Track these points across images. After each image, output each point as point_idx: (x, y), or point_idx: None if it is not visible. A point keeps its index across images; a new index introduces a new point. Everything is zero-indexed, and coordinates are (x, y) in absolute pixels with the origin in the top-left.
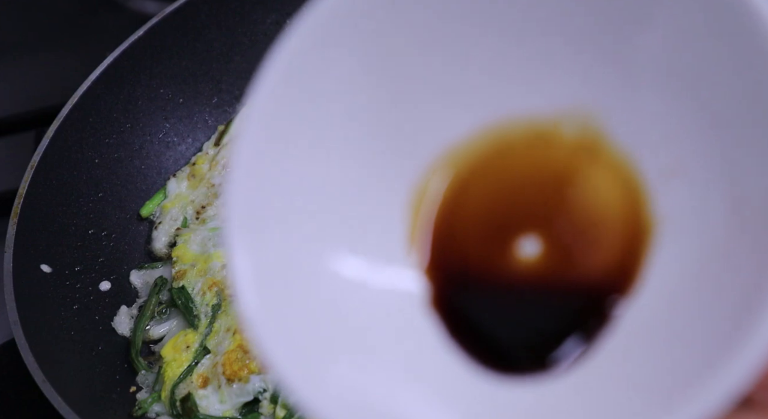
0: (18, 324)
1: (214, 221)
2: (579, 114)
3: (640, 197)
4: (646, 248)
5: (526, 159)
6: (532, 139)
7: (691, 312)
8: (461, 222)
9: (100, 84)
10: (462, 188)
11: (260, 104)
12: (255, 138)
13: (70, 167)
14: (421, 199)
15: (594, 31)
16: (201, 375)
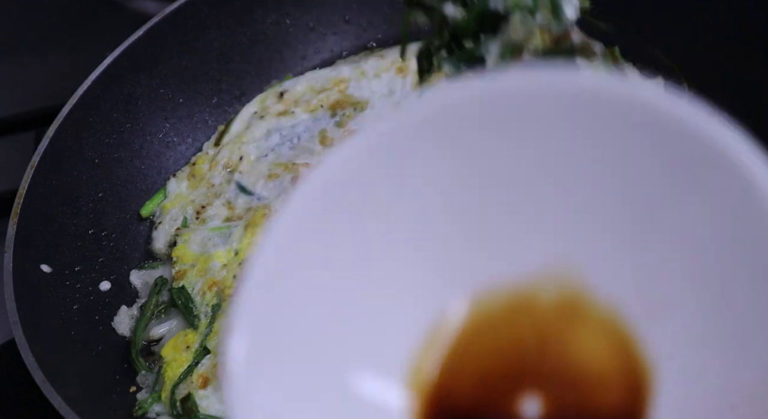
0: (18, 324)
1: (214, 221)
2: (558, 272)
3: (630, 343)
4: (645, 394)
5: (513, 324)
6: (514, 304)
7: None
8: (459, 382)
9: (100, 84)
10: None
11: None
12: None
13: (70, 167)
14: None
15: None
16: (201, 375)
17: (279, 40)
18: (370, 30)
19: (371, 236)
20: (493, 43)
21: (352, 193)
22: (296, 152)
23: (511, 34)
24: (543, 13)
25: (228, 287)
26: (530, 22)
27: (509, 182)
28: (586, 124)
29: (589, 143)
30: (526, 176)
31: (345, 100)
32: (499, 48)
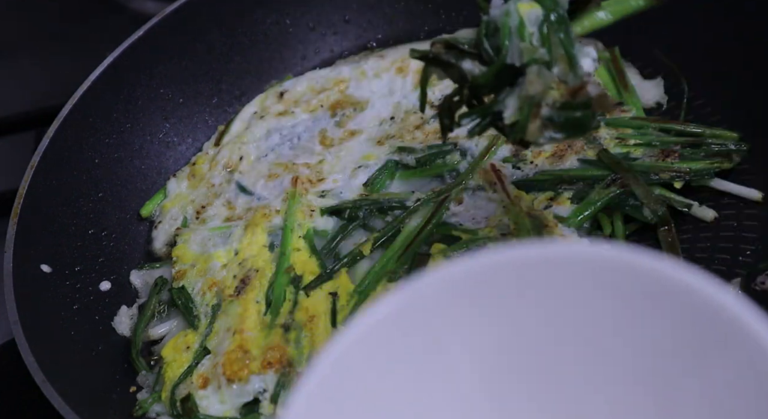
0: (18, 324)
1: (214, 221)
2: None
3: None
4: None
5: None
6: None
7: None
8: None
9: (100, 84)
10: None
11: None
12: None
13: (70, 167)
14: None
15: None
16: (201, 376)
17: (279, 40)
18: (370, 30)
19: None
20: (511, 98)
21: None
22: (296, 152)
23: (528, 88)
24: (560, 65)
25: (228, 287)
26: (547, 75)
27: (532, 345)
28: (605, 293)
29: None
30: (550, 342)
31: (345, 100)
32: (517, 102)
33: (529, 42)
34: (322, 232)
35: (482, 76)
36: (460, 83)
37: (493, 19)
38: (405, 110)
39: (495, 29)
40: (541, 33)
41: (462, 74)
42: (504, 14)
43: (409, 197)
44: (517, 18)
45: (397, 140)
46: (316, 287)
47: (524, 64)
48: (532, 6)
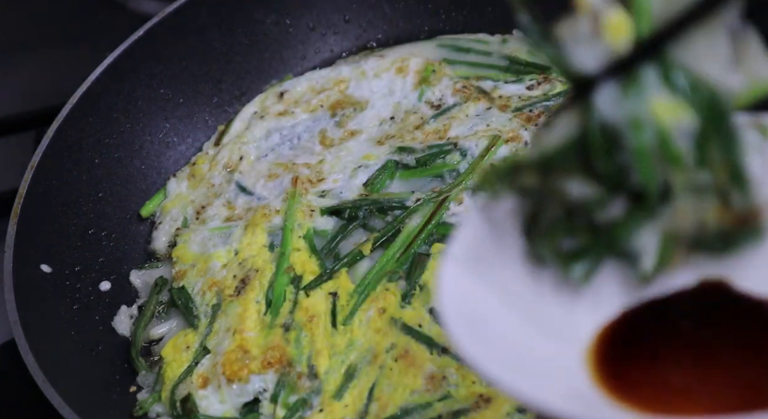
0: (18, 324)
1: (214, 221)
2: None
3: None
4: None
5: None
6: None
7: None
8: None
9: (100, 84)
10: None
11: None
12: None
13: (70, 167)
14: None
15: None
16: (201, 376)
17: (279, 40)
18: (370, 30)
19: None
20: (647, 231)
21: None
22: (296, 152)
23: (677, 221)
24: (719, 180)
25: (228, 287)
26: (705, 204)
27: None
28: None
29: None
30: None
31: (345, 100)
32: (657, 237)
33: (679, 164)
34: (322, 232)
35: (602, 205)
36: (565, 214)
37: (608, 123)
38: (405, 110)
39: (613, 137)
40: (700, 148)
41: (570, 205)
42: (631, 124)
43: (409, 197)
44: (656, 132)
45: (397, 140)
46: (316, 287)
47: (668, 189)
48: (677, 111)
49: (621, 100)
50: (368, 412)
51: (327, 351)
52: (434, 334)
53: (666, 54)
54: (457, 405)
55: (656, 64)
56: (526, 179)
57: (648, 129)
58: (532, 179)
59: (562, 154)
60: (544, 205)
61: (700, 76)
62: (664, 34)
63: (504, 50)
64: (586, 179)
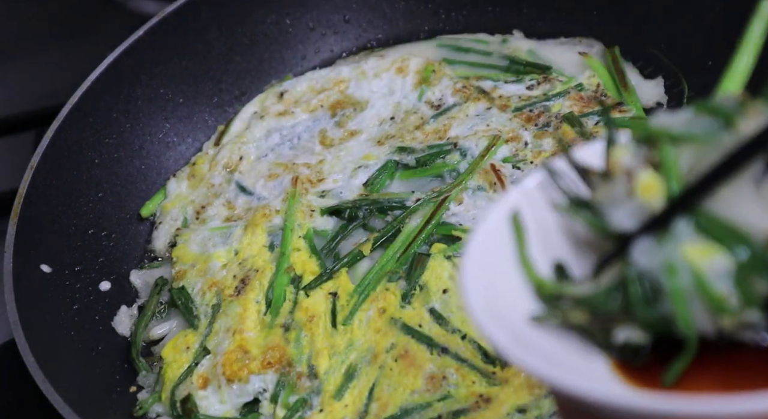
0: (18, 324)
1: (214, 221)
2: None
3: None
4: None
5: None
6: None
7: None
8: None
9: (100, 84)
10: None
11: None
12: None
13: (70, 167)
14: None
15: None
16: (201, 376)
17: (279, 40)
18: (370, 30)
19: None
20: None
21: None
22: (296, 152)
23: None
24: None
25: (228, 287)
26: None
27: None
28: None
29: None
30: None
31: (345, 100)
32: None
33: (723, 306)
34: (322, 232)
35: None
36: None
37: (644, 272)
38: (405, 110)
39: (651, 286)
40: (740, 286)
41: (617, 349)
42: (666, 270)
43: (409, 197)
44: (691, 275)
45: (397, 140)
46: (316, 287)
47: (723, 330)
48: (709, 252)
49: (656, 250)
50: (368, 412)
51: (327, 351)
52: (434, 334)
53: (697, 207)
54: (457, 405)
55: (688, 216)
56: (575, 316)
57: (682, 272)
58: (580, 317)
59: (606, 300)
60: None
61: (730, 221)
62: (694, 191)
63: (504, 50)
64: (631, 326)
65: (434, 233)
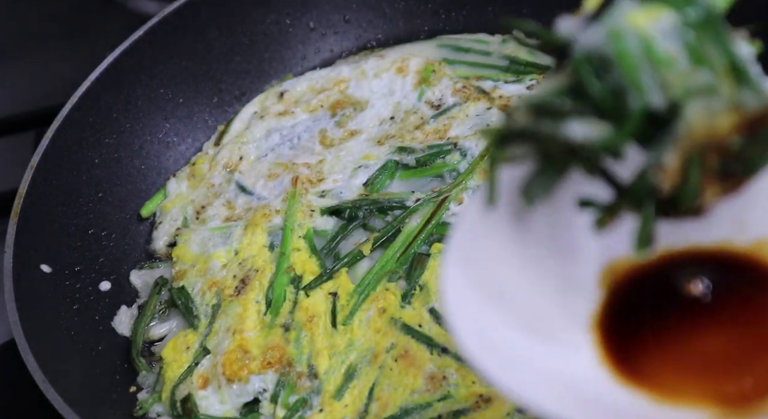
0: (18, 324)
1: (214, 221)
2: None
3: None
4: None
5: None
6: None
7: None
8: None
9: (100, 84)
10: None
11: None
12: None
13: (70, 167)
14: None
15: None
16: (201, 376)
17: (279, 40)
18: (370, 30)
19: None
20: (661, 157)
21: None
22: (296, 152)
23: (691, 135)
24: (724, 87)
25: (228, 287)
26: (716, 106)
27: None
28: None
29: None
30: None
31: (345, 100)
32: (674, 161)
33: (672, 66)
34: (322, 232)
35: (609, 140)
36: (565, 157)
37: (594, 50)
38: (405, 110)
39: (602, 64)
40: (688, 47)
41: (568, 146)
42: (611, 38)
43: (409, 197)
44: (638, 38)
45: (397, 140)
46: (316, 287)
47: (674, 101)
48: (653, 13)
49: (600, 27)
50: (368, 412)
51: (327, 351)
52: (434, 334)
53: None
54: (457, 405)
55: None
56: (520, 117)
57: (628, 36)
58: (525, 118)
59: (554, 96)
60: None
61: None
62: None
63: (504, 50)
64: (585, 116)
65: (434, 233)
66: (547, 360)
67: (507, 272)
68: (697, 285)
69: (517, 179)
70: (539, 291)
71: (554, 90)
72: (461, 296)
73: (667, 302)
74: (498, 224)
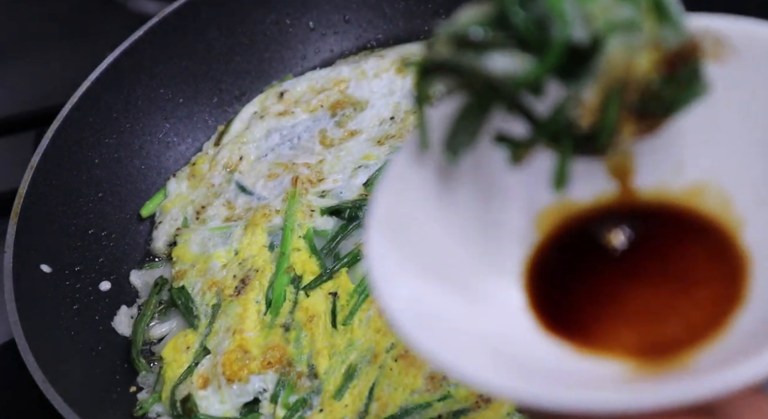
0: (18, 324)
1: (214, 221)
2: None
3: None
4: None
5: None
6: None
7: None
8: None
9: (100, 84)
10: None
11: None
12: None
13: (70, 167)
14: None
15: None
16: (201, 376)
17: (279, 40)
18: (370, 30)
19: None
20: (580, 91)
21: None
22: (296, 152)
23: (610, 71)
24: (646, 23)
25: (228, 287)
26: (636, 43)
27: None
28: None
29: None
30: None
31: (345, 100)
32: (593, 97)
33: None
34: (322, 232)
35: (530, 73)
36: (486, 92)
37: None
38: (405, 110)
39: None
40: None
41: (489, 80)
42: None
43: None
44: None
45: (397, 140)
46: (316, 287)
47: (597, 37)
48: None
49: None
50: (368, 412)
51: (327, 351)
52: None
53: None
54: (457, 405)
55: None
56: (441, 48)
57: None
58: (446, 49)
59: (477, 25)
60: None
61: None
62: None
63: None
64: (507, 51)
65: None
66: (481, 322)
67: (432, 227)
68: (618, 236)
69: (438, 131)
70: (468, 243)
71: (477, 19)
72: (387, 265)
73: (597, 251)
74: (419, 177)
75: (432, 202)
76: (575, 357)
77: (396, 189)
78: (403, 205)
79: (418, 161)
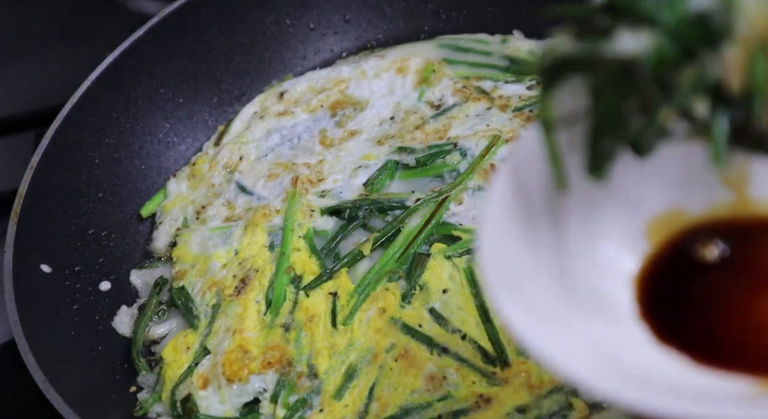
0: (18, 324)
1: (214, 221)
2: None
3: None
4: None
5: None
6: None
7: None
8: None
9: (100, 84)
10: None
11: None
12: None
13: (70, 167)
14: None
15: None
16: (201, 376)
17: (279, 40)
18: (370, 30)
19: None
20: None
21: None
22: (296, 152)
23: (749, 29)
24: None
25: (228, 287)
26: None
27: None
28: None
29: None
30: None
31: (345, 100)
32: (743, 57)
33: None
34: (322, 232)
35: (664, 46)
36: (622, 83)
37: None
38: (405, 110)
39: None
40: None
41: (623, 65)
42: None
43: (409, 197)
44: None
45: (397, 140)
46: (316, 287)
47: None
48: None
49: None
50: (368, 412)
51: (327, 351)
52: (434, 334)
53: None
54: (457, 405)
55: None
56: (564, 42)
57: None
58: (569, 42)
59: (591, 12)
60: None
61: None
62: None
63: (504, 50)
64: (631, 29)
65: (434, 233)
66: (594, 330)
67: (542, 252)
68: (730, 247)
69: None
70: (578, 255)
71: (588, 9)
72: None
73: (710, 262)
74: (523, 203)
75: (539, 224)
76: (693, 369)
77: (500, 233)
78: (512, 246)
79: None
